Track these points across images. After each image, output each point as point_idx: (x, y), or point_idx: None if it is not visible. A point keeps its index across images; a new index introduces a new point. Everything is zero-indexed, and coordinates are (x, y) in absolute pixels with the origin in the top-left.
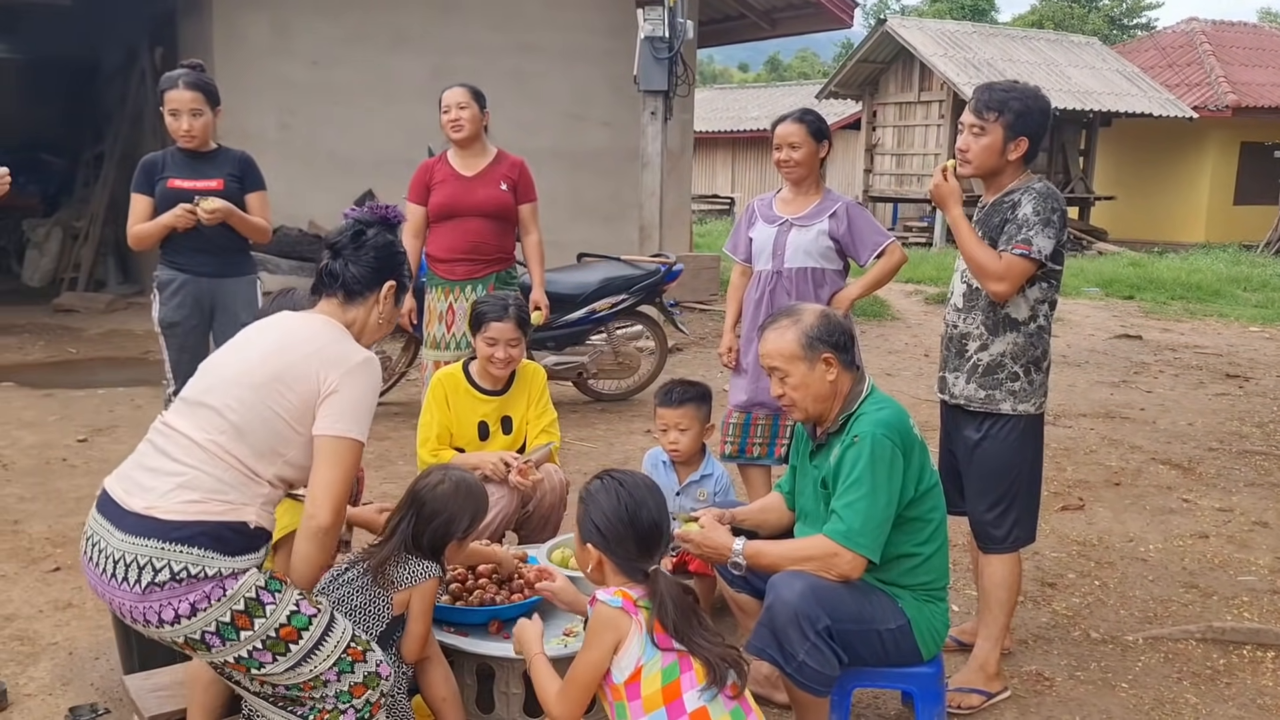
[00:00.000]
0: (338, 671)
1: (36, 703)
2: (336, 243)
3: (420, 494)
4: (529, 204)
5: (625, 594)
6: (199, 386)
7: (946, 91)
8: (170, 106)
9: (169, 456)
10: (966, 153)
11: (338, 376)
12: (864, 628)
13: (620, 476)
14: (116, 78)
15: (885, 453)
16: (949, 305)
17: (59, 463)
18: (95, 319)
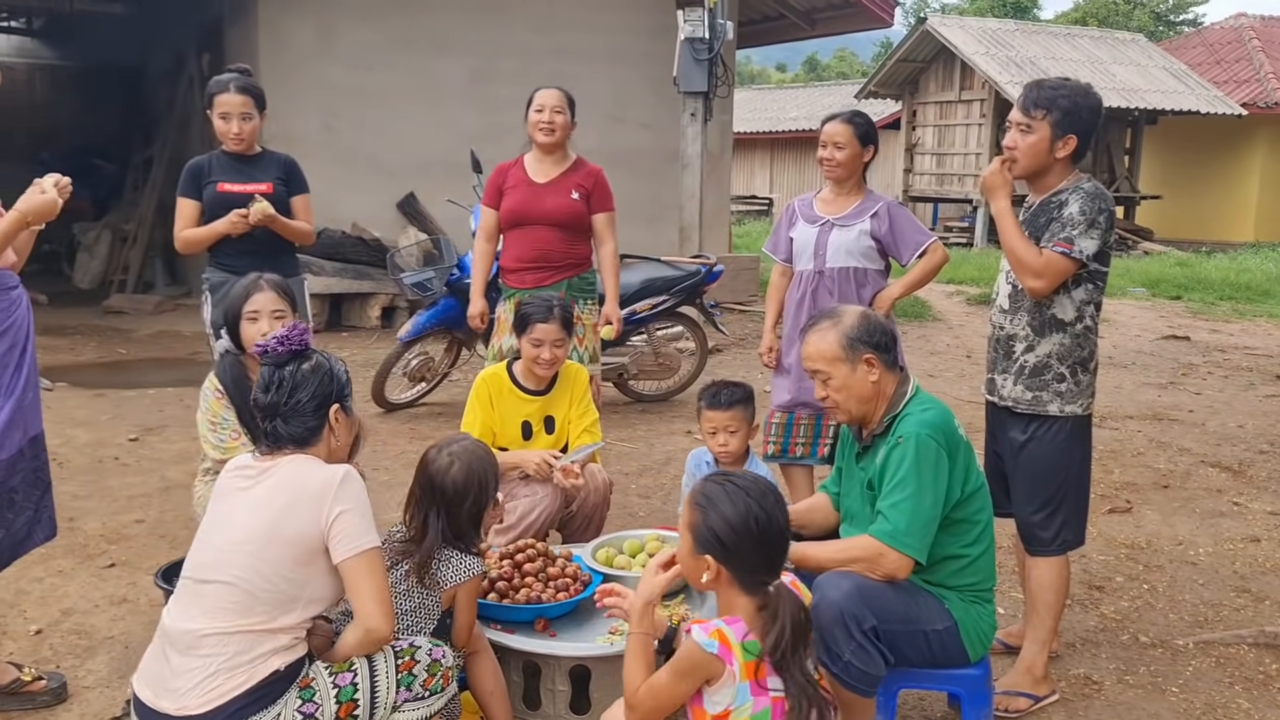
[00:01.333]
0: (405, 687)
1: (95, 695)
2: (265, 405)
3: (440, 484)
4: (604, 214)
5: (722, 635)
6: (199, 562)
7: (988, 90)
8: (220, 110)
9: (182, 652)
10: (1013, 150)
11: (331, 504)
12: (910, 628)
13: (737, 479)
14: (164, 83)
15: (930, 453)
16: (994, 306)
17: (111, 461)
18: (144, 320)
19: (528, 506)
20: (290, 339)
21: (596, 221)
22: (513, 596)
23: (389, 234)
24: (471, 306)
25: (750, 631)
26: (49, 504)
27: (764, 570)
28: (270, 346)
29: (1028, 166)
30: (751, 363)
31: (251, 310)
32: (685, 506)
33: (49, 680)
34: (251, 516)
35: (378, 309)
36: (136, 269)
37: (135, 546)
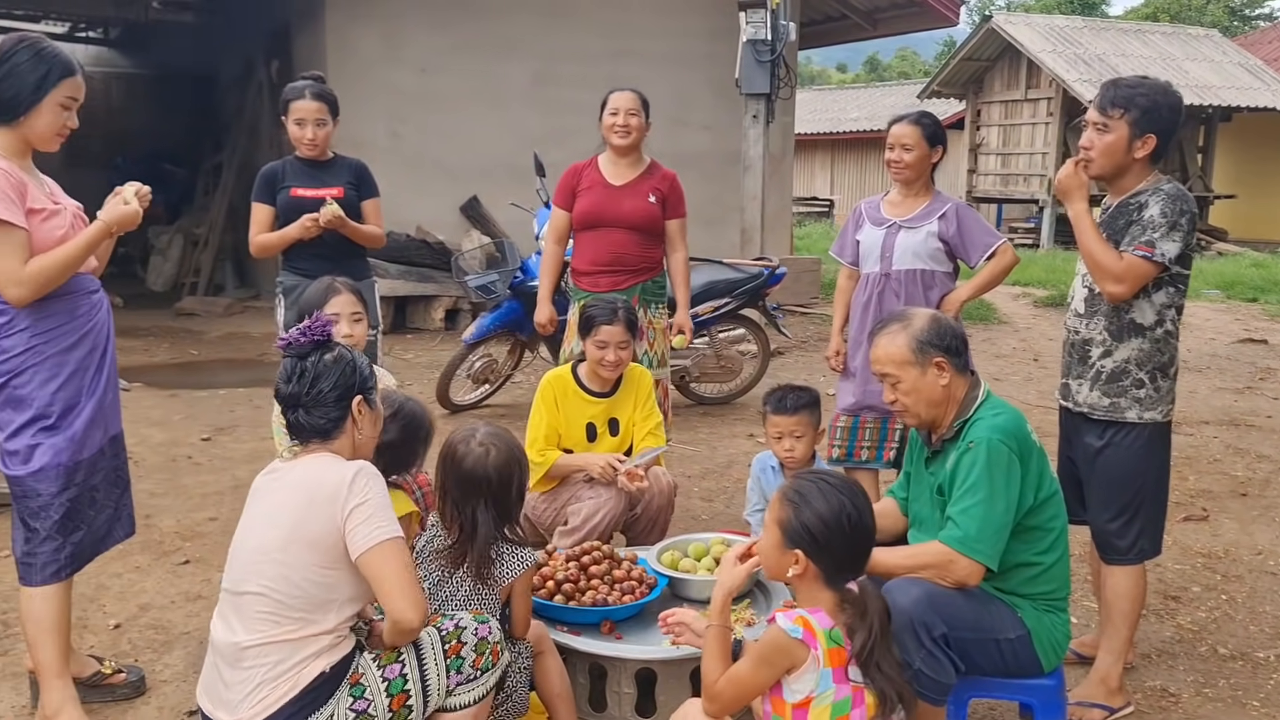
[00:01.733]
0: (455, 671)
1: (171, 689)
2: (287, 395)
3: (483, 474)
4: (677, 220)
5: (806, 622)
6: (233, 577)
7: (1055, 89)
8: (295, 116)
9: (229, 665)
10: (1090, 150)
11: (344, 501)
12: (982, 637)
13: (829, 477)
14: (235, 90)
15: (1002, 459)
16: (1070, 310)
17: (185, 460)
18: (214, 322)
19: (592, 509)
20: (313, 329)
21: (670, 227)
22: (579, 599)
23: (452, 237)
24: (539, 313)
25: (833, 623)
26: (128, 502)
27: (849, 567)
28: (293, 338)
29: (1104, 167)
30: (814, 365)
31: (331, 313)
32: (775, 502)
33: (128, 674)
34: (273, 523)
35: (441, 311)
36: (207, 272)
37: (208, 544)
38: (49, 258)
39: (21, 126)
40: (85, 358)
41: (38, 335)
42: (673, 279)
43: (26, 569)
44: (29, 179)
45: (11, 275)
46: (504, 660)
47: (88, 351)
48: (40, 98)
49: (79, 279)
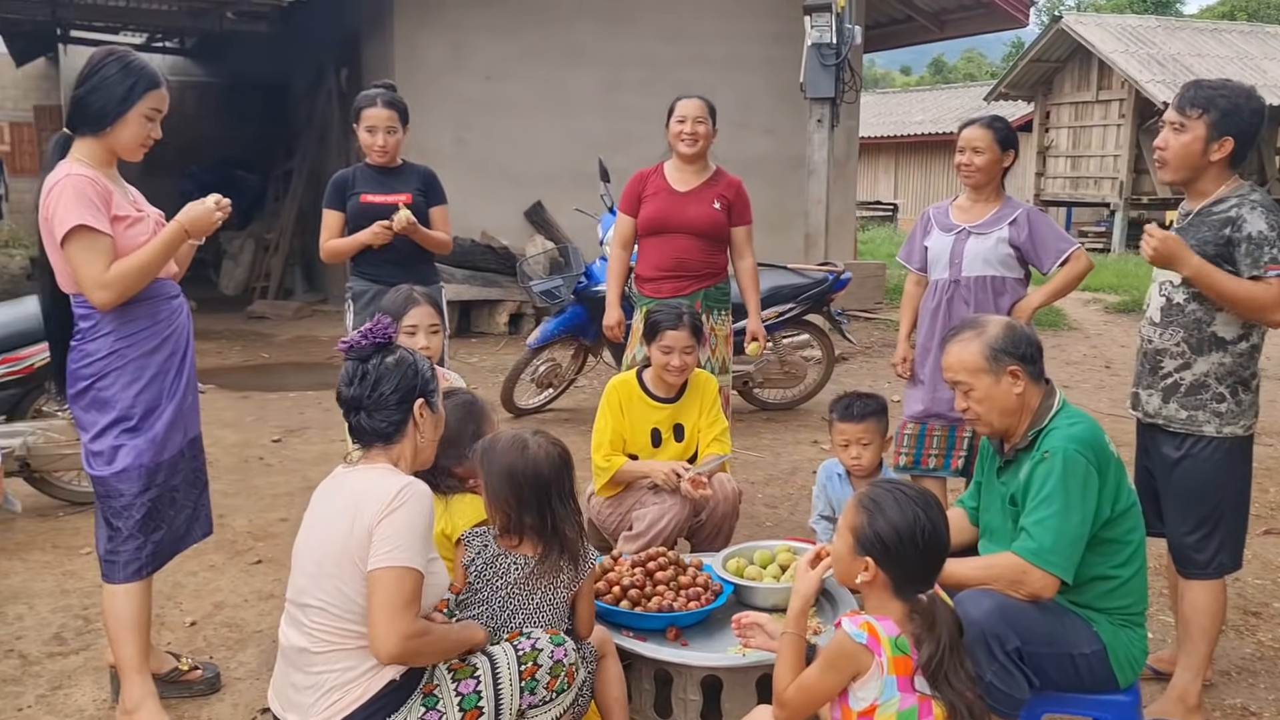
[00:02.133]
0: (528, 693)
1: (245, 686)
2: (349, 398)
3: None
4: (744, 226)
5: (872, 629)
6: (296, 586)
7: (1128, 90)
8: (367, 123)
9: (299, 669)
10: (1164, 150)
11: (380, 512)
12: (1056, 651)
13: (905, 488)
14: (305, 98)
15: (1079, 469)
16: (1145, 319)
17: (257, 461)
18: (284, 325)
19: (657, 514)
20: (374, 332)
21: (736, 234)
22: (645, 604)
23: (517, 242)
24: (608, 316)
25: (900, 632)
26: (206, 502)
27: (919, 579)
28: (354, 341)
29: (1178, 169)
30: (879, 371)
31: (410, 324)
32: (850, 507)
33: (204, 670)
34: (326, 536)
35: (505, 316)
36: (277, 276)
37: (280, 544)
38: (129, 261)
39: (108, 137)
40: (166, 361)
41: (121, 339)
42: (741, 286)
43: (109, 567)
44: (114, 187)
45: (97, 279)
46: (578, 681)
47: (168, 355)
48: (127, 109)
49: (160, 284)
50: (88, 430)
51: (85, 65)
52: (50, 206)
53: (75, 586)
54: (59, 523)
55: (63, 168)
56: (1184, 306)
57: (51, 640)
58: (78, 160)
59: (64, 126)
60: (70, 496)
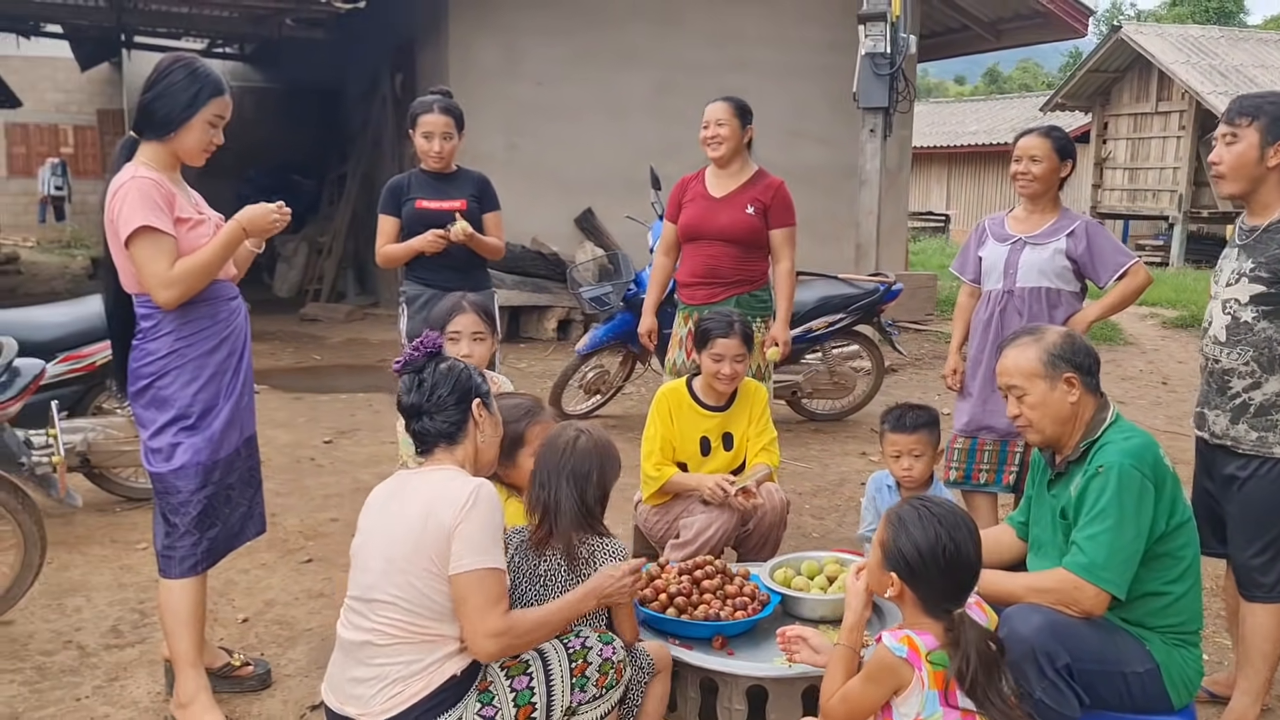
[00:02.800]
0: (579, 689)
1: (295, 683)
2: (409, 406)
3: (562, 460)
4: (783, 229)
5: (912, 642)
6: (360, 583)
7: (1188, 101)
8: (424, 129)
9: (360, 663)
10: (1219, 165)
11: (456, 515)
12: (1107, 669)
13: (933, 506)
14: (360, 103)
15: (1134, 484)
16: (1207, 337)
17: (308, 462)
18: (336, 328)
19: (704, 523)
20: (424, 344)
21: (774, 237)
22: (691, 612)
23: (566, 248)
24: (641, 323)
25: (939, 645)
26: (260, 501)
27: (948, 598)
28: (406, 357)
29: (1235, 179)
30: (929, 383)
31: (454, 330)
32: (883, 520)
33: (256, 666)
34: (397, 535)
35: (554, 321)
36: (330, 279)
37: (330, 544)
38: (191, 260)
39: (173, 141)
40: (224, 361)
41: (180, 339)
42: (776, 290)
43: (166, 562)
44: (177, 190)
45: (161, 278)
46: (626, 678)
47: (226, 355)
48: (191, 115)
49: (219, 286)
50: (147, 428)
51: (152, 71)
52: (115, 208)
53: (132, 580)
54: (117, 518)
55: (128, 170)
56: (1253, 325)
57: (109, 633)
58: (143, 163)
59: (130, 130)
60: (128, 492)
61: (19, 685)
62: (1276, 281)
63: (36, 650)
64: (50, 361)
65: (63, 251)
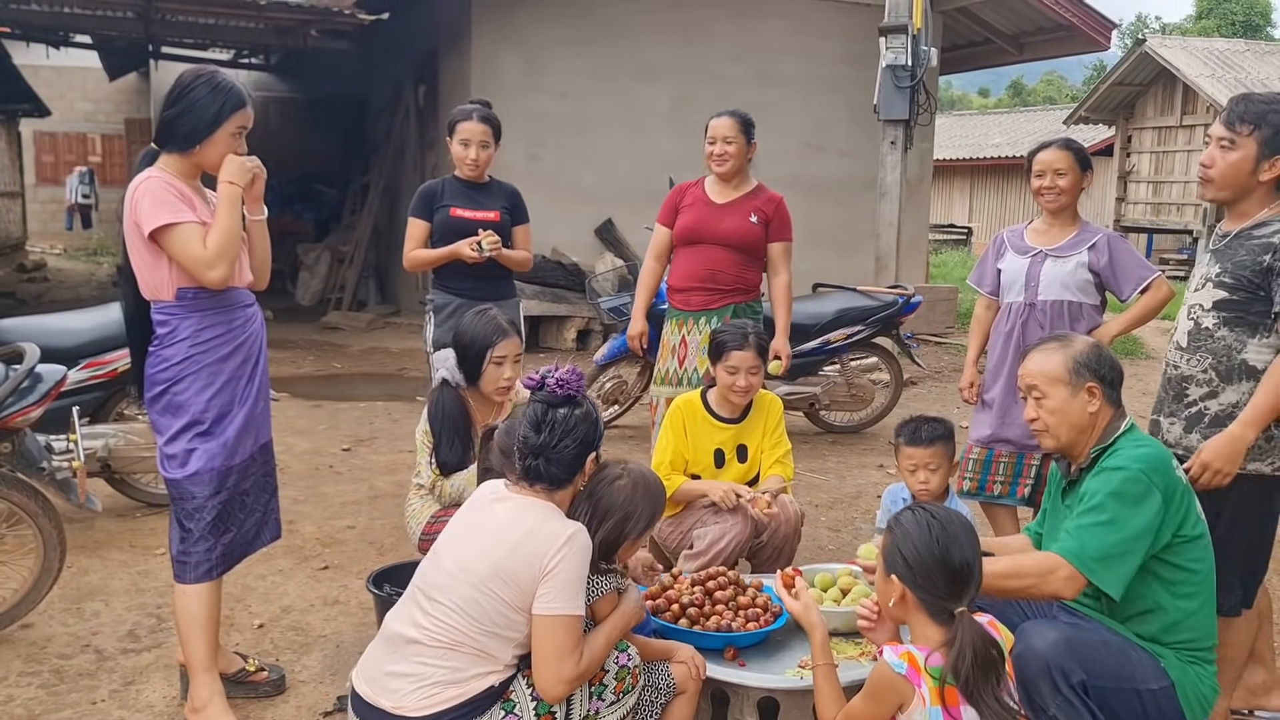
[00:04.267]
0: (597, 697)
1: (309, 689)
2: (535, 444)
3: (596, 489)
4: (781, 243)
5: (912, 658)
6: (430, 580)
7: (1213, 115)
8: (461, 136)
9: (405, 658)
10: (1209, 169)
11: (552, 556)
12: (1123, 686)
13: (933, 509)
14: (383, 114)
15: (1136, 487)
16: (1171, 343)
17: (327, 469)
18: (357, 336)
19: (718, 534)
20: (568, 383)
21: (773, 250)
22: (703, 623)
23: (587, 259)
24: (631, 326)
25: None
26: (275, 507)
27: (948, 596)
28: (550, 385)
29: (1222, 187)
30: (948, 396)
31: (499, 355)
32: (885, 532)
33: (270, 672)
34: (480, 551)
35: (573, 331)
36: (351, 288)
37: (347, 551)
38: (214, 232)
39: (196, 154)
40: (239, 368)
41: (196, 345)
42: (773, 301)
43: (181, 567)
44: (194, 195)
45: (202, 260)
46: (641, 684)
47: (241, 362)
48: (215, 129)
49: (235, 293)
50: (163, 433)
51: (174, 86)
52: (134, 210)
53: (150, 585)
54: (136, 523)
55: (144, 173)
56: (1213, 331)
57: (125, 637)
58: (160, 168)
59: (152, 143)
60: (147, 498)
61: (36, 688)
62: (1240, 288)
63: (54, 653)
64: (73, 368)
65: (89, 258)
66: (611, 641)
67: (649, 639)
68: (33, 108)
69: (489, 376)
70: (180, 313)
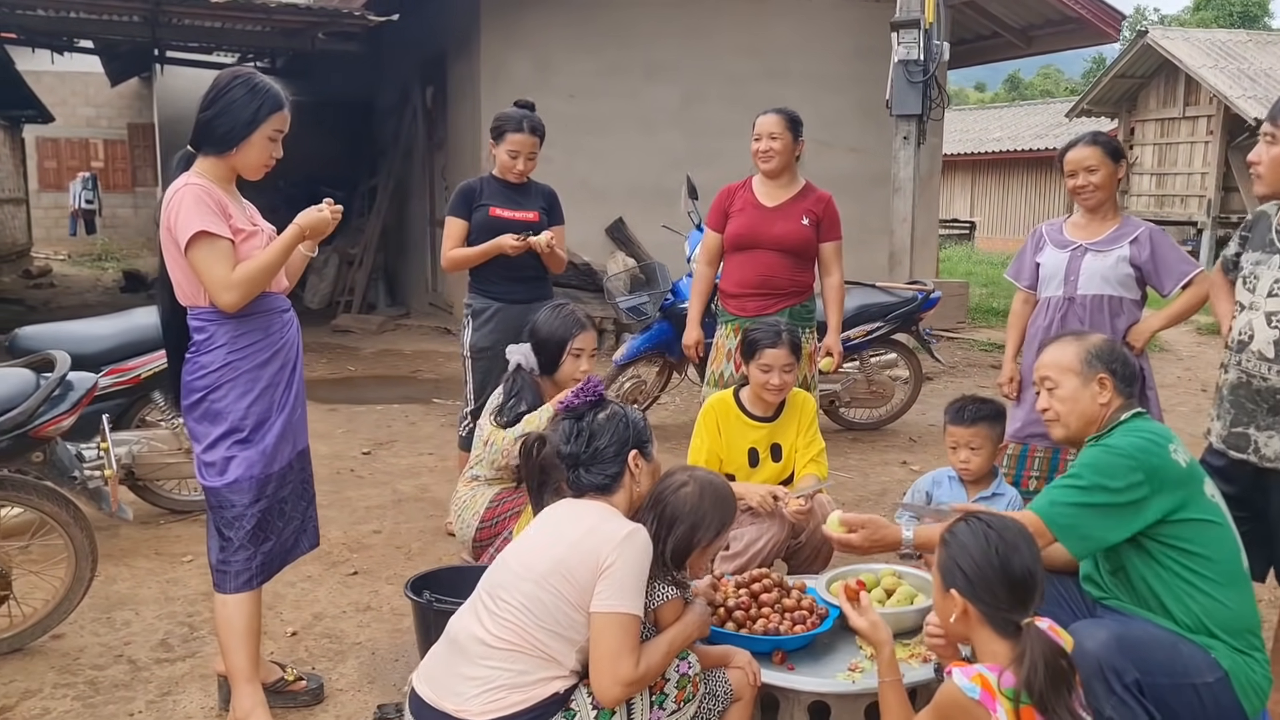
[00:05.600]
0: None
1: (348, 698)
2: (568, 455)
3: (662, 496)
4: (832, 242)
5: (985, 681)
6: (494, 581)
7: (1216, 105)
8: (510, 146)
9: (471, 661)
10: (1258, 164)
11: (610, 553)
12: (1178, 682)
13: (988, 519)
14: (390, 116)
15: (1115, 461)
16: (1247, 352)
17: (348, 473)
18: (368, 339)
19: (755, 534)
20: (586, 391)
21: (824, 250)
22: (750, 626)
23: (598, 258)
24: (687, 334)
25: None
26: (313, 515)
27: (1011, 607)
28: (569, 401)
29: (1272, 183)
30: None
31: (577, 348)
32: (937, 547)
33: (309, 681)
34: (542, 549)
35: None
36: (361, 290)
37: (374, 556)
38: (252, 263)
39: (232, 157)
40: (277, 374)
41: (234, 352)
42: (826, 302)
43: (221, 576)
44: (230, 201)
45: (222, 281)
46: (701, 692)
47: (279, 368)
48: (252, 131)
49: (272, 298)
50: (200, 441)
51: (211, 88)
52: (171, 216)
53: (179, 594)
54: (161, 530)
55: (180, 180)
56: None
57: (158, 646)
58: (196, 174)
59: (188, 145)
60: (172, 505)
61: (72, 700)
62: None
63: (88, 664)
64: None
65: (94, 264)
66: (674, 650)
67: (706, 646)
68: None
69: (567, 369)
70: (217, 319)
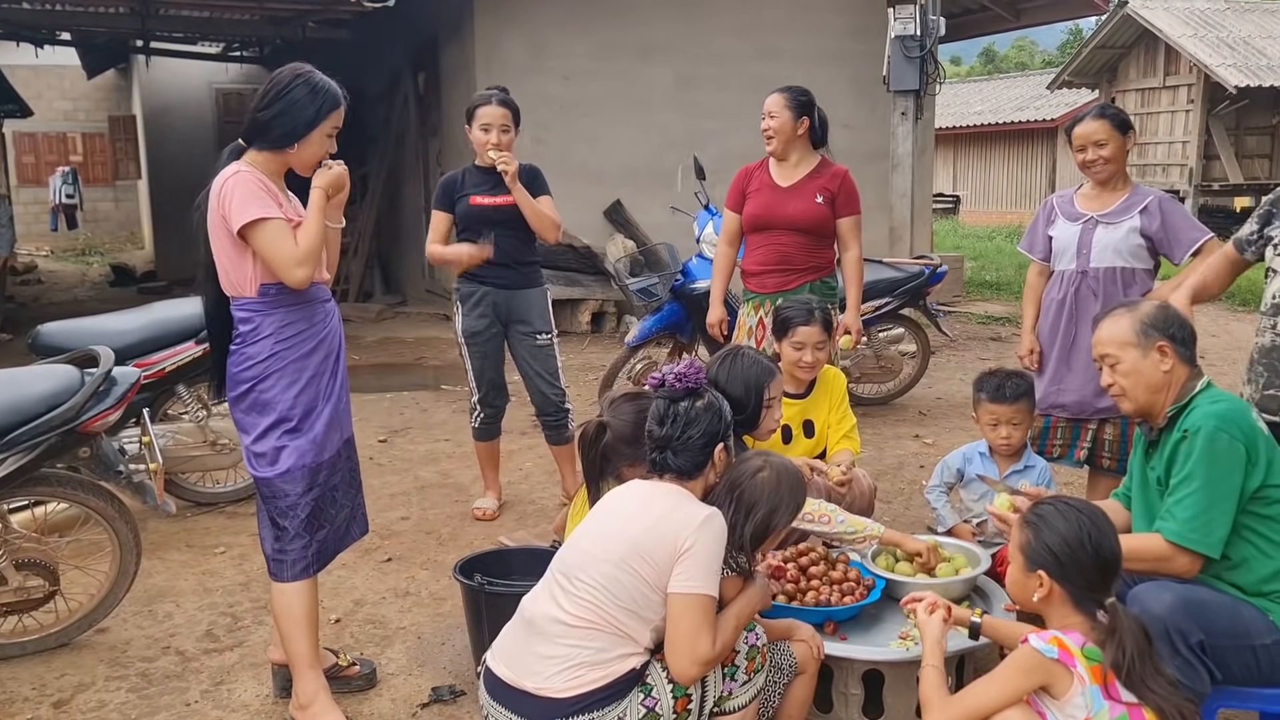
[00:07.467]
0: (729, 678)
1: (399, 681)
2: (660, 437)
3: (739, 481)
4: (849, 217)
5: (1062, 643)
6: (569, 562)
7: (1197, 74)
8: (481, 121)
9: (549, 640)
10: None
11: (689, 536)
12: (1239, 643)
13: (1074, 501)
14: (381, 102)
15: (1221, 446)
16: None
17: (368, 461)
18: (368, 327)
19: None
20: (687, 376)
21: (841, 226)
22: (801, 598)
23: (596, 241)
24: (711, 314)
25: (1088, 641)
26: (361, 503)
27: (1096, 587)
28: (669, 381)
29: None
30: (967, 364)
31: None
32: (1015, 528)
33: (361, 666)
34: (618, 531)
35: (588, 314)
36: (357, 279)
37: (406, 542)
38: (305, 234)
39: (289, 154)
40: (322, 363)
41: (280, 342)
42: (845, 277)
43: (278, 566)
44: (280, 194)
45: (292, 257)
46: (770, 662)
47: (324, 357)
48: (311, 129)
49: (315, 288)
50: (249, 433)
51: (270, 85)
52: (224, 204)
53: (217, 585)
54: (189, 523)
55: (231, 167)
56: None
57: (204, 637)
58: (248, 164)
59: (239, 139)
60: (196, 497)
61: (126, 692)
62: None
63: (137, 656)
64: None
65: (78, 259)
66: (741, 624)
67: (769, 620)
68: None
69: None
70: (264, 309)
